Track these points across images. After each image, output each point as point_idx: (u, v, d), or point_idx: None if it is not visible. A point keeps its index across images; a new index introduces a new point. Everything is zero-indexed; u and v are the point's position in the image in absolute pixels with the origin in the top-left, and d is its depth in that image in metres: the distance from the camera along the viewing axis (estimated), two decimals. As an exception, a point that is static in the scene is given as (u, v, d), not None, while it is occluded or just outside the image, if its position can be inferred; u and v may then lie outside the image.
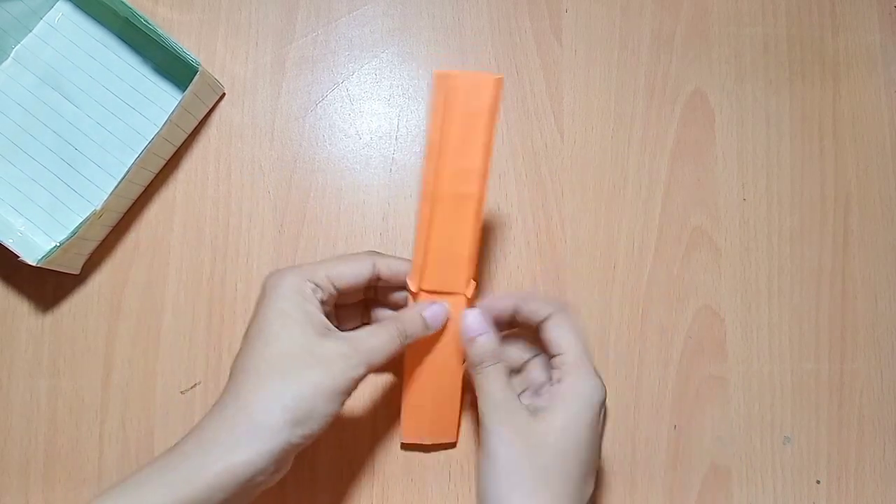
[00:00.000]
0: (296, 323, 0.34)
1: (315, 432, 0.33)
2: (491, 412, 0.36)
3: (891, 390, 0.48)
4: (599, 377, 0.37)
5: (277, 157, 0.49)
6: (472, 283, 0.39)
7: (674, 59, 0.50)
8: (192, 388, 0.46)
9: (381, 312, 0.42)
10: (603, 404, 0.37)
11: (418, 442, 0.43)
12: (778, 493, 0.47)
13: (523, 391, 0.40)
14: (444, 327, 0.40)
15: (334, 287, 0.37)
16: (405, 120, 0.49)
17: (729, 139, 0.50)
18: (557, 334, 0.38)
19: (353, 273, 0.38)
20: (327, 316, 0.37)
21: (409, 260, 0.40)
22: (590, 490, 0.36)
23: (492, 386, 0.37)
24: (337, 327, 0.37)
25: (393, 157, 0.49)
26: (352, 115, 0.49)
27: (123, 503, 0.31)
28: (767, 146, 0.50)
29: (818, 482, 0.47)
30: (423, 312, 0.38)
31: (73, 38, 0.49)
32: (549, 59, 0.50)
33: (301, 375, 0.33)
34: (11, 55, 0.49)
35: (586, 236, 0.48)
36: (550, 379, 0.38)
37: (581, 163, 0.49)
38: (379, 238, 0.48)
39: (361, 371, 0.34)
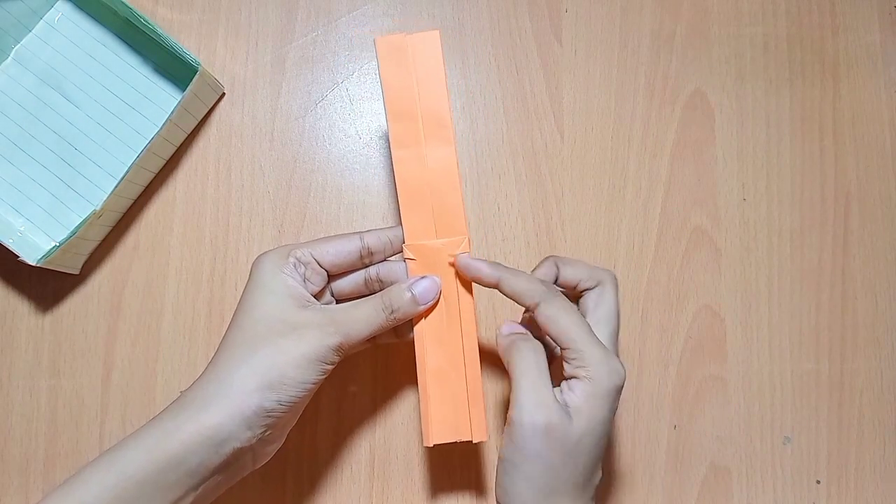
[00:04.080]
0: (272, 294, 0.35)
1: (291, 399, 0.33)
2: (520, 389, 0.34)
3: (891, 390, 0.48)
4: (615, 359, 0.34)
5: (277, 157, 0.49)
6: (466, 239, 0.38)
7: (674, 59, 0.50)
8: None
9: None
10: (619, 390, 0.34)
11: (445, 442, 0.38)
12: (778, 493, 0.47)
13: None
14: (444, 307, 0.38)
15: (319, 264, 0.37)
16: (405, 120, 0.49)
17: (729, 139, 0.50)
18: (554, 325, 0.34)
19: (336, 249, 0.37)
20: (317, 294, 0.37)
21: (398, 226, 0.38)
22: (598, 479, 0.35)
23: (524, 382, 0.34)
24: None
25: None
26: (352, 115, 0.49)
27: (105, 468, 0.32)
28: (767, 146, 0.50)
29: (818, 482, 0.47)
30: (411, 287, 0.37)
31: (73, 37, 0.49)
32: (549, 59, 0.50)
33: (273, 342, 0.33)
34: (11, 55, 0.49)
35: (586, 236, 0.48)
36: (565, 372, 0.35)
37: (581, 163, 0.49)
38: (379, 238, 0.48)
39: (336, 340, 0.34)
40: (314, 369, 0.34)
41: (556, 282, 0.38)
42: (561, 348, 0.35)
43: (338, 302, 0.40)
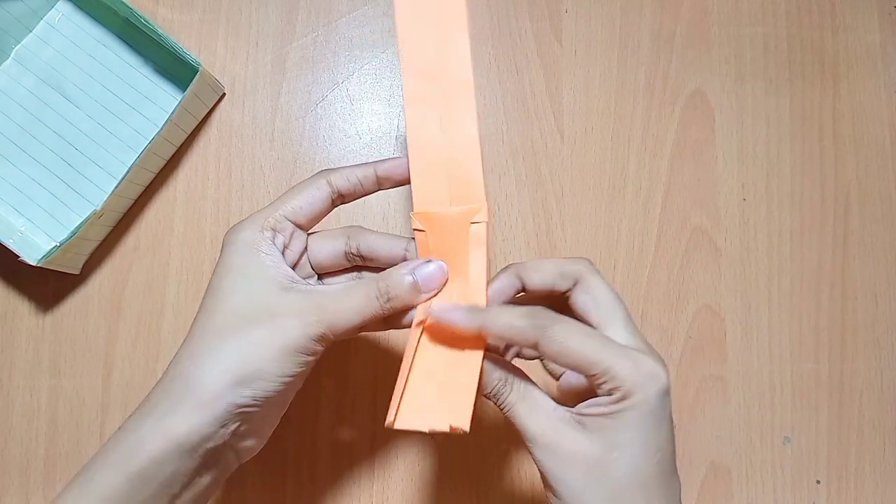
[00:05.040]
0: (247, 279, 0.31)
1: (267, 393, 0.30)
2: (535, 446, 0.29)
3: (891, 390, 0.48)
4: (647, 359, 0.29)
5: (277, 157, 0.49)
6: (484, 207, 0.32)
7: (674, 59, 0.50)
8: (192, 387, 0.46)
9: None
10: (668, 389, 0.29)
11: (415, 428, 0.30)
12: (778, 493, 0.47)
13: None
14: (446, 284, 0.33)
15: (296, 224, 0.33)
16: (405, 120, 0.49)
17: (729, 139, 0.50)
18: (567, 357, 0.29)
19: (308, 201, 0.33)
20: (295, 266, 0.34)
21: (368, 164, 0.34)
22: (677, 486, 0.30)
23: (523, 419, 0.30)
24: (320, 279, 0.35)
25: (393, 157, 0.49)
26: (352, 115, 0.49)
27: (78, 493, 0.30)
28: (767, 146, 0.50)
29: (818, 482, 0.47)
30: (414, 271, 0.32)
31: (73, 38, 0.49)
32: (549, 59, 0.50)
33: (245, 333, 0.30)
34: (12, 55, 0.49)
35: (586, 236, 0.48)
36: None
37: (581, 163, 0.49)
38: (379, 238, 0.48)
39: (319, 330, 0.30)
40: (293, 361, 0.30)
41: (522, 292, 0.33)
42: (586, 376, 0.29)
43: (318, 276, 0.36)
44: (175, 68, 0.48)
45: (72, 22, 0.49)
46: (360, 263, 0.36)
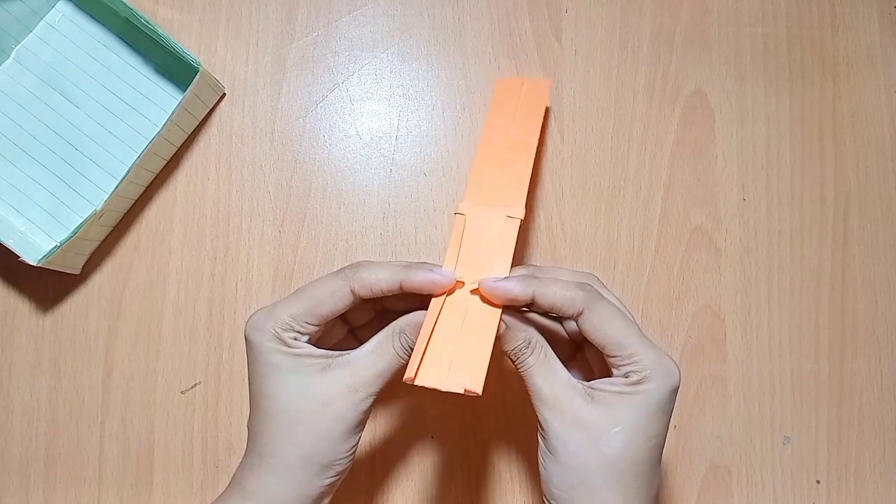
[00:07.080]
0: (288, 374, 0.33)
1: (343, 469, 0.34)
2: (543, 406, 0.32)
3: (891, 390, 0.48)
4: (669, 358, 0.32)
5: (277, 157, 0.49)
6: (522, 206, 0.36)
7: (674, 59, 0.50)
8: (192, 388, 0.46)
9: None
10: (675, 392, 0.32)
11: (432, 386, 0.32)
12: (778, 492, 0.47)
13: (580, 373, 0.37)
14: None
15: (312, 323, 0.34)
16: (405, 120, 0.49)
17: (729, 139, 0.50)
18: (602, 333, 0.32)
19: (328, 304, 0.34)
20: (325, 336, 0.36)
21: (396, 270, 0.33)
22: (658, 479, 0.33)
23: (538, 380, 0.33)
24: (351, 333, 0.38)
25: (393, 158, 0.49)
26: (352, 115, 0.49)
27: None
28: (767, 146, 0.50)
29: (818, 482, 0.47)
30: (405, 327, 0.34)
31: (73, 38, 0.49)
32: (549, 59, 0.50)
33: (312, 428, 0.32)
34: (12, 55, 0.49)
35: (586, 236, 0.48)
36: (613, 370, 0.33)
37: (581, 163, 0.49)
38: (379, 238, 0.48)
39: (371, 401, 0.33)
40: (357, 431, 0.34)
41: (531, 305, 0.34)
42: (607, 355, 0.33)
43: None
44: (175, 68, 0.48)
45: (72, 22, 0.49)
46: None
